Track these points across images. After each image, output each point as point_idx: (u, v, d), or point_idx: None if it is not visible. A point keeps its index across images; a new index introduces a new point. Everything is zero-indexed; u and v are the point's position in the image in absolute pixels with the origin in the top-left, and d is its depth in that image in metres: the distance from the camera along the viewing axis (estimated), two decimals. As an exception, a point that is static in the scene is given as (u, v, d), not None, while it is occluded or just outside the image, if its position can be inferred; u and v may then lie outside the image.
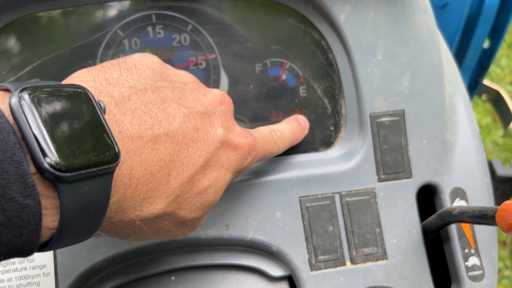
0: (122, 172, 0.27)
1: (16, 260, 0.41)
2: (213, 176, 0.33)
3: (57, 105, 0.24)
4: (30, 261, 0.41)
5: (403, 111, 0.49)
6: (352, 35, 0.48)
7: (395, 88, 0.49)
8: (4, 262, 0.41)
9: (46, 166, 0.22)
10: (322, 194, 0.47)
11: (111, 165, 0.25)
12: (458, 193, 0.49)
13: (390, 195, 0.48)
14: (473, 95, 1.03)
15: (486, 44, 0.93)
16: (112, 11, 0.46)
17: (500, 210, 0.36)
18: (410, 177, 0.48)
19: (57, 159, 0.22)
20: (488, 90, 1.02)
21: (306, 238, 0.46)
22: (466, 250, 0.48)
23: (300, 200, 0.46)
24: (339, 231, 0.46)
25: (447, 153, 0.50)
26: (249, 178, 0.46)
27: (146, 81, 0.32)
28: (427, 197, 0.50)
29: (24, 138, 0.22)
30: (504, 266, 1.50)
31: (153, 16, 0.47)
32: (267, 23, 0.49)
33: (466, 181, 0.50)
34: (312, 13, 0.49)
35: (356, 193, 0.47)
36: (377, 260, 0.46)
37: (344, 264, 0.46)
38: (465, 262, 0.48)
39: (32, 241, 0.23)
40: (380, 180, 0.48)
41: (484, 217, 0.39)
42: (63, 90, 0.25)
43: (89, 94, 0.26)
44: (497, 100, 1.03)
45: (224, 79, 0.48)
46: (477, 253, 0.48)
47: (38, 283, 0.41)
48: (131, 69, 0.32)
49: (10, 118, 0.23)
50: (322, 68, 0.50)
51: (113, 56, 0.46)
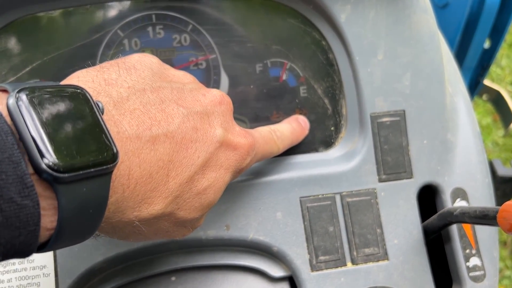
0: (120, 173, 0.27)
1: (16, 260, 0.41)
2: (212, 176, 0.33)
3: (55, 106, 0.24)
4: (30, 261, 0.41)
5: (404, 111, 0.49)
6: (352, 35, 0.48)
7: (396, 88, 0.49)
8: (4, 262, 0.41)
9: (44, 167, 0.22)
10: (323, 195, 0.47)
11: (109, 166, 0.25)
12: (459, 193, 0.49)
13: (391, 196, 0.48)
14: (474, 95, 1.03)
15: (486, 44, 0.92)
16: (112, 11, 0.46)
17: (502, 211, 0.36)
18: (411, 178, 0.48)
19: (55, 160, 0.22)
20: (489, 90, 1.02)
21: (306, 239, 0.45)
22: (467, 251, 0.48)
23: (300, 201, 0.46)
24: (339, 232, 0.46)
25: (448, 153, 0.50)
26: (250, 178, 0.46)
27: (145, 81, 0.32)
28: (428, 198, 0.50)
29: (21, 139, 0.22)
30: (505, 266, 1.50)
31: (153, 16, 0.47)
32: (267, 23, 0.49)
33: (467, 181, 0.50)
34: (312, 13, 0.48)
35: (357, 194, 0.47)
36: (378, 261, 0.46)
37: (345, 265, 0.46)
38: (466, 263, 0.47)
39: (31, 242, 0.22)
40: (381, 180, 0.48)
41: (485, 218, 0.38)
42: (61, 90, 0.25)
43: (87, 95, 0.26)
44: (497, 100, 1.03)
45: (224, 79, 0.48)
46: (478, 254, 0.48)
47: (38, 284, 0.41)
48: (130, 69, 0.32)
49: (8, 119, 0.23)
50: (322, 68, 0.50)
51: (113, 56, 0.46)
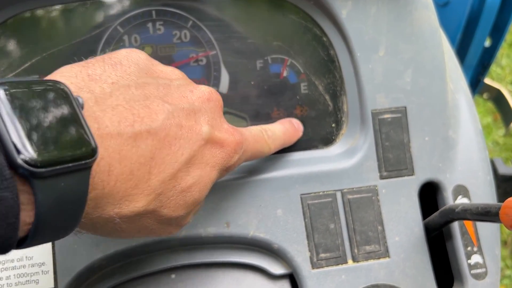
0: (100, 169, 0.27)
1: (15, 257, 0.40)
2: (197, 174, 0.33)
3: (33, 101, 0.24)
4: (29, 258, 0.41)
5: (405, 108, 0.48)
6: (353, 31, 0.48)
7: (397, 84, 0.48)
8: (3, 259, 0.40)
9: (20, 162, 0.22)
10: (324, 192, 0.46)
11: (87, 161, 0.25)
12: (461, 190, 0.49)
13: (392, 193, 0.47)
14: (474, 94, 1.03)
15: (487, 43, 0.92)
16: (112, 7, 0.46)
17: (504, 207, 0.36)
18: (412, 175, 0.48)
19: (32, 155, 0.22)
20: (489, 88, 1.01)
21: (307, 236, 0.45)
22: (469, 248, 0.48)
23: (301, 198, 0.46)
24: (340, 229, 0.46)
25: (450, 150, 0.49)
26: (250, 175, 0.46)
27: (130, 77, 0.31)
28: (430, 195, 0.50)
29: None
30: (505, 265, 1.49)
31: (153, 12, 0.46)
32: (268, 19, 0.48)
33: (468, 178, 0.49)
34: (313, 9, 0.48)
35: (358, 191, 0.47)
36: (379, 258, 0.46)
37: (345, 262, 0.45)
38: (467, 260, 0.47)
39: (10, 235, 0.22)
40: (382, 177, 0.48)
41: (487, 214, 0.38)
42: (40, 85, 0.25)
43: (66, 90, 0.26)
44: (498, 99, 1.03)
45: (224, 76, 0.48)
46: (480, 251, 0.48)
47: (37, 281, 0.41)
48: (115, 65, 0.32)
49: None
50: (323, 65, 0.49)
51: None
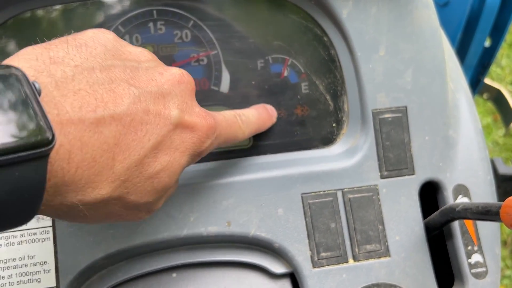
0: (59, 157, 0.26)
1: (17, 256, 0.41)
2: (166, 159, 0.32)
3: None
4: (31, 257, 0.41)
5: (406, 107, 0.49)
6: (354, 31, 0.48)
7: (398, 84, 0.48)
8: (5, 258, 0.40)
9: None
10: (324, 191, 0.47)
11: (43, 149, 0.24)
12: (461, 190, 0.49)
13: (392, 192, 0.48)
14: (474, 94, 1.03)
15: (487, 43, 0.92)
16: (113, 7, 0.46)
17: (505, 206, 0.36)
18: (412, 174, 0.48)
19: None
20: (489, 88, 1.01)
21: (308, 235, 0.45)
22: (469, 247, 0.48)
23: (302, 197, 0.46)
24: (341, 228, 0.46)
25: (450, 149, 0.49)
26: (251, 175, 0.46)
27: (96, 59, 0.30)
28: (430, 194, 0.50)
29: None
30: (505, 265, 1.49)
31: (154, 12, 0.46)
32: (268, 19, 0.48)
33: (469, 178, 0.49)
34: (314, 9, 0.48)
35: (359, 190, 0.47)
36: (379, 257, 0.46)
37: (346, 261, 0.46)
38: (468, 259, 0.47)
39: None
40: (382, 176, 0.48)
41: (488, 213, 0.38)
42: None
43: (20, 75, 0.24)
44: (498, 99, 1.03)
45: (225, 76, 0.48)
46: (480, 250, 0.48)
47: (39, 280, 0.41)
48: (80, 46, 0.30)
49: None
50: (324, 65, 0.50)
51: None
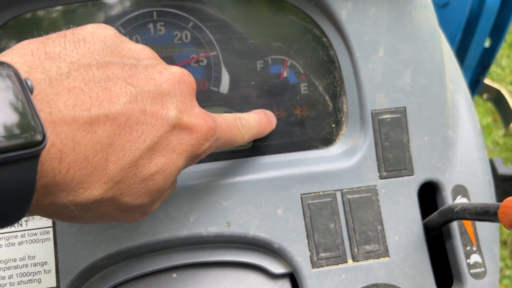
0: (50, 156, 0.25)
1: (17, 257, 0.41)
2: (161, 161, 0.31)
3: None
4: (31, 258, 0.41)
5: (405, 108, 0.49)
6: (353, 31, 0.48)
7: (397, 85, 0.49)
8: (5, 258, 0.41)
9: None
10: (324, 192, 0.47)
11: (33, 149, 0.23)
12: (460, 190, 0.49)
13: (391, 192, 0.48)
14: (474, 94, 1.03)
15: (487, 43, 0.93)
16: (113, 8, 0.46)
17: (503, 207, 0.36)
18: (411, 174, 0.48)
19: None
20: (489, 89, 1.01)
21: (307, 236, 0.45)
22: (468, 248, 0.48)
23: (301, 198, 0.46)
24: (340, 229, 0.46)
25: (449, 150, 0.50)
26: (251, 175, 0.46)
27: (93, 56, 0.29)
28: (429, 195, 0.50)
29: None
30: (505, 266, 1.50)
31: (154, 13, 0.47)
32: (268, 20, 0.49)
33: (467, 178, 0.50)
34: (313, 10, 0.48)
35: (358, 191, 0.47)
36: (378, 258, 0.46)
37: (345, 262, 0.46)
38: (467, 260, 0.47)
39: None
40: (381, 177, 0.48)
41: (486, 214, 0.38)
42: None
43: (11, 72, 0.24)
44: (498, 99, 1.03)
45: (225, 76, 0.48)
46: (479, 251, 0.48)
47: (39, 280, 0.41)
48: (78, 42, 0.29)
49: None
50: (323, 65, 0.50)
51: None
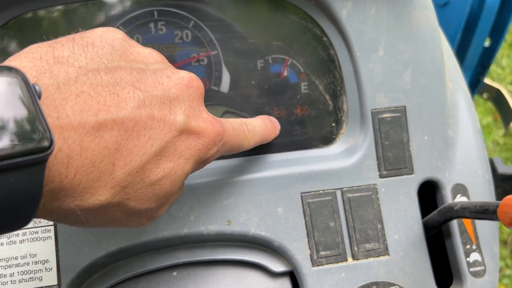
0: (58, 161, 0.25)
1: (19, 255, 0.41)
2: (169, 166, 0.31)
3: None
4: (33, 256, 0.41)
5: (405, 107, 0.49)
6: (353, 31, 0.48)
7: (397, 84, 0.49)
8: (7, 256, 0.41)
9: None
10: (324, 190, 0.47)
11: (40, 155, 0.23)
12: (460, 189, 0.49)
13: (391, 191, 0.48)
14: (474, 94, 1.03)
15: (487, 43, 0.93)
16: (114, 7, 0.46)
17: (502, 205, 0.36)
18: (411, 173, 0.48)
19: None
20: (489, 88, 1.02)
21: (307, 234, 0.46)
22: (468, 246, 0.48)
23: (301, 196, 0.46)
24: (340, 227, 0.46)
25: (449, 149, 0.50)
26: (251, 174, 0.46)
27: (101, 60, 0.29)
28: (429, 193, 0.50)
29: None
30: (505, 265, 1.50)
31: (155, 13, 0.47)
32: (268, 19, 0.49)
33: (467, 177, 0.50)
34: (313, 9, 0.49)
35: (358, 189, 0.47)
36: (378, 256, 0.46)
37: (345, 260, 0.46)
38: (466, 258, 0.48)
39: None
40: (381, 176, 0.48)
41: (485, 212, 0.39)
42: None
43: (20, 77, 0.23)
44: (498, 99, 1.03)
45: (225, 76, 0.48)
46: (479, 249, 0.48)
47: (40, 278, 0.41)
48: (87, 46, 0.29)
49: None
50: (323, 65, 0.50)
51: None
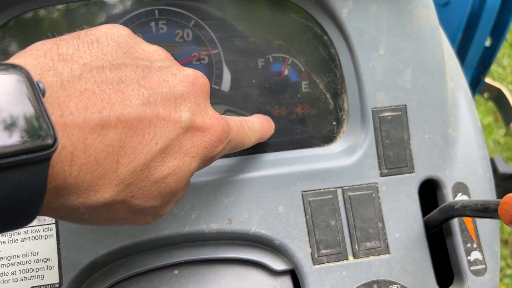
0: (61, 159, 0.25)
1: (21, 253, 0.41)
2: (174, 164, 0.31)
3: None
4: (34, 254, 0.41)
5: (405, 106, 0.49)
6: (354, 30, 0.48)
7: (397, 83, 0.49)
8: (8, 255, 0.41)
9: None
10: (325, 189, 0.47)
11: (44, 152, 0.23)
12: (460, 187, 0.49)
13: (392, 190, 0.48)
14: (475, 93, 1.03)
15: (487, 42, 0.93)
16: (115, 6, 0.46)
17: (503, 203, 0.37)
18: (412, 172, 0.49)
19: None
20: (490, 88, 1.02)
21: (308, 232, 0.46)
22: (468, 245, 0.48)
23: (302, 195, 0.46)
24: (341, 226, 0.46)
25: (449, 148, 0.50)
26: (252, 173, 0.46)
27: (106, 57, 0.29)
28: (430, 192, 0.50)
29: None
30: (506, 265, 1.49)
31: (156, 12, 0.47)
32: (269, 18, 0.49)
33: (468, 176, 0.50)
34: (314, 8, 0.49)
35: (359, 188, 0.47)
36: (379, 255, 0.46)
37: (346, 258, 0.46)
38: (467, 257, 0.48)
39: None
40: (382, 174, 0.48)
41: (486, 211, 0.39)
42: None
43: (24, 75, 0.23)
44: (498, 98, 1.03)
45: (226, 75, 0.48)
46: (479, 248, 0.48)
47: (42, 276, 0.41)
48: (92, 43, 0.29)
49: None
50: (324, 63, 0.50)
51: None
